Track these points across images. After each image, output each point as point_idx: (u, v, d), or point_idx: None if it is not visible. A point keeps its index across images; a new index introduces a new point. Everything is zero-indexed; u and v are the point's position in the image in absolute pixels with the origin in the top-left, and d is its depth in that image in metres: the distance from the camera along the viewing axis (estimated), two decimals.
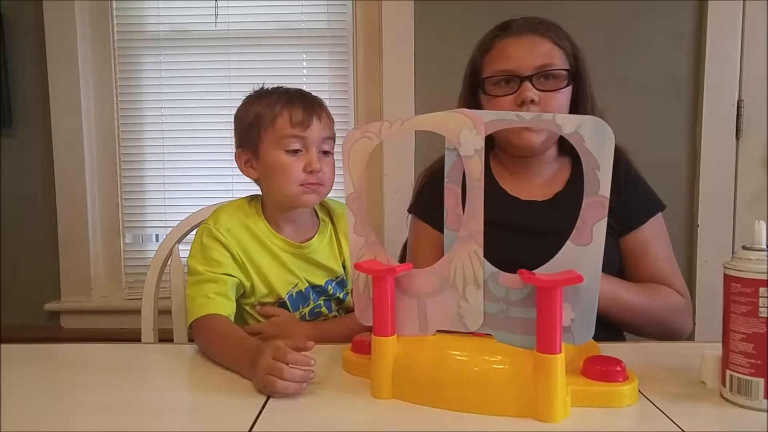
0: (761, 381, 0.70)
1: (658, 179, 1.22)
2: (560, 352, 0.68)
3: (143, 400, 0.80)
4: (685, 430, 0.66)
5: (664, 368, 0.85)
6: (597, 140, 0.67)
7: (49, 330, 2.04)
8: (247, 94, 1.17)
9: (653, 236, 1.14)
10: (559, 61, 1.11)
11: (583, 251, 0.68)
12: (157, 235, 2.11)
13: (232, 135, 1.19)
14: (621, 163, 1.16)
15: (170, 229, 1.36)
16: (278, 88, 1.15)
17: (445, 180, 0.78)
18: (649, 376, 0.81)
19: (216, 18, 2.03)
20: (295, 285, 1.14)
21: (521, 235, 1.12)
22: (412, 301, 0.78)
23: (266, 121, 1.09)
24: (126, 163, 2.10)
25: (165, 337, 1.33)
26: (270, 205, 1.15)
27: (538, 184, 1.18)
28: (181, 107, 2.08)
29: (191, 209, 1.38)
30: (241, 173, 1.17)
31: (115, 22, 2.05)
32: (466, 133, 0.73)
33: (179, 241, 1.34)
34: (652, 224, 1.15)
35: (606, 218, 0.67)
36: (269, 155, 1.09)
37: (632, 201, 1.15)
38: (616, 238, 1.15)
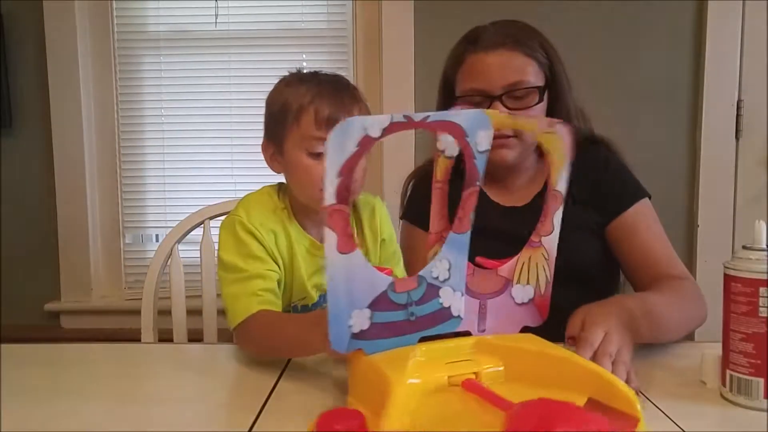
0: (761, 381, 0.70)
1: (658, 179, 1.22)
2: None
3: (142, 400, 0.80)
4: (685, 430, 0.66)
5: (664, 368, 0.85)
6: None
7: (49, 330, 2.04)
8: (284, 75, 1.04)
9: (641, 221, 1.11)
10: (531, 76, 1.08)
11: None
12: (157, 235, 2.11)
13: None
14: (600, 155, 1.15)
15: (170, 229, 1.36)
16: (315, 73, 1.01)
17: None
18: (649, 376, 0.81)
19: (216, 18, 2.03)
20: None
21: (501, 241, 1.07)
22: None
23: (291, 116, 0.96)
24: (126, 163, 2.10)
25: (165, 337, 1.33)
26: (296, 203, 1.04)
27: (519, 188, 1.18)
28: (181, 107, 2.08)
29: (191, 209, 1.38)
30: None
31: (115, 22, 2.05)
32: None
33: (179, 240, 1.34)
34: (637, 209, 1.11)
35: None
36: (292, 154, 0.97)
37: (612, 189, 1.13)
38: (597, 231, 1.13)
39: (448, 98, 1.16)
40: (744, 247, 0.73)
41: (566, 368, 0.65)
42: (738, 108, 1.90)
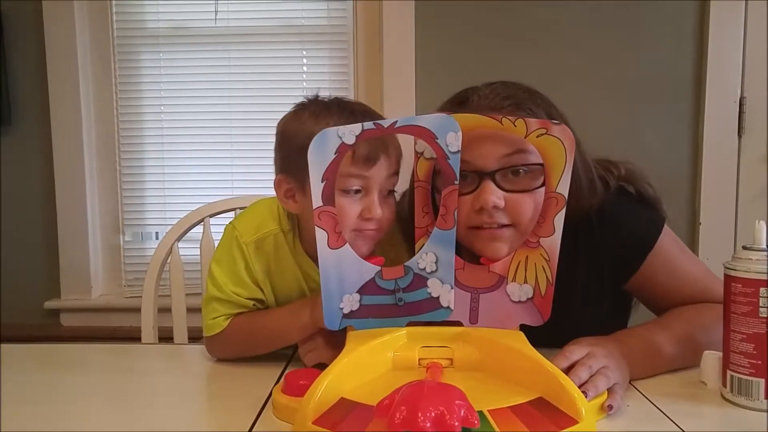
0: (762, 381, 0.70)
1: (660, 176, 1.21)
2: None
3: (141, 401, 0.80)
4: (685, 430, 0.66)
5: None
6: None
7: (48, 328, 2.03)
8: (298, 102, 0.93)
9: (659, 267, 0.94)
10: (534, 150, 0.81)
11: None
12: (157, 233, 2.11)
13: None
14: (605, 213, 0.95)
15: (170, 226, 1.36)
16: (340, 100, 0.91)
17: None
18: (649, 377, 0.81)
19: (216, 15, 2.03)
20: None
21: None
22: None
23: None
24: (126, 161, 2.09)
25: (165, 335, 1.33)
26: (310, 238, 0.91)
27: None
28: (181, 104, 2.07)
29: (191, 206, 1.38)
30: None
31: (114, 19, 2.04)
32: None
33: (179, 238, 1.34)
34: (652, 257, 0.94)
35: None
36: None
37: (618, 245, 0.95)
38: (610, 292, 0.99)
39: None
40: (744, 248, 0.72)
41: (526, 365, 0.69)
42: (740, 105, 1.89)
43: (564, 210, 0.75)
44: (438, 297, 0.76)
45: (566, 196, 0.74)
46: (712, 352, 0.78)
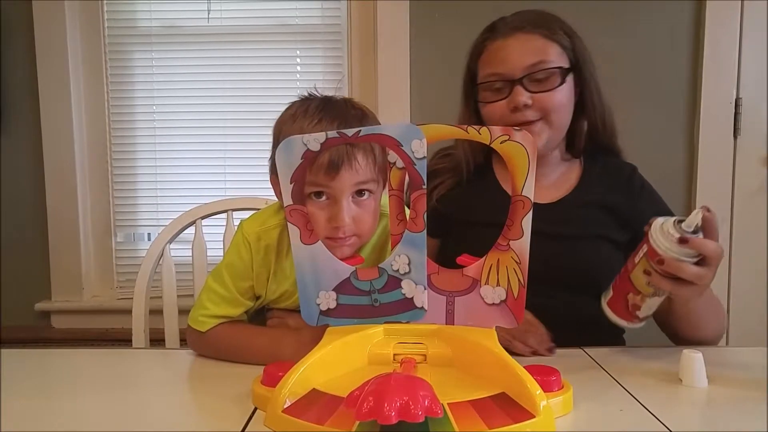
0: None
1: (655, 178, 1.21)
2: None
3: (131, 406, 0.79)
4: (672, 429, 0.67)
5: (650, 372, 0.87)
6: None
7: (39, 330, 2.01)
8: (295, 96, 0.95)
9: None
10: (552, 56, 1.05)
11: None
12: (149, 234, 2.09)
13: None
14: (636, 177, 1.16)
15: (162, 228, 1.34)
16: (325, 102, 0.91)
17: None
18: (636, 378, 0.83)
19: (209, 14, 2.01)
20: None
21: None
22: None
23: None
24: (117, 161, 2.08)
25: (156, 336, 1.32)
26: None
27: (543, 187, 1.13)
28: (173, 104, 2.06)
29: (183, 208, 1.37)
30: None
31: (105, 18, 2.03)
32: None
33: (171, 240, 1.33)
34: None
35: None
36: None
37: (648, 215, 1.07)
38: (621, 248, 1.11)
39: (470, 89, 1.14)
40: (677, 221, 0.83)
41: (492, 362, 0.72)
42: (736, 106, 1.89)
43: (531, 214, 0.75)
44: (412, 298, 0.78)
45: (532, 199, 0.75)
46: (692, 350, 0.81)
